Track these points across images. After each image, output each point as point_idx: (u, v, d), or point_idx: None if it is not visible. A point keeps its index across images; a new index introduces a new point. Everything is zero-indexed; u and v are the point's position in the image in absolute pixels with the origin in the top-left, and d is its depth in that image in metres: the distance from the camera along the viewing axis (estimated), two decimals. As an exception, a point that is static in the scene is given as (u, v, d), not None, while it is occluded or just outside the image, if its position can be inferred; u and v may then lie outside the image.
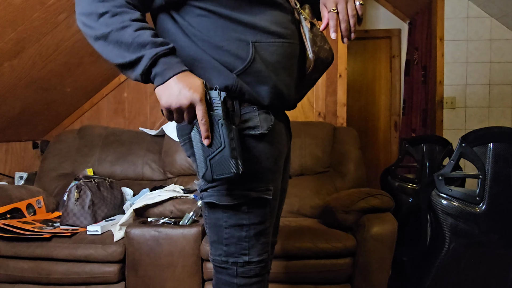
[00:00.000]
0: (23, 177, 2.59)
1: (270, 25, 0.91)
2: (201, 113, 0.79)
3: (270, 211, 0.97)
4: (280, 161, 1.00)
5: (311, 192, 2.29)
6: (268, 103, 0.92)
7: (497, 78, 3.11)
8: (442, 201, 1.77)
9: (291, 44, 0.95)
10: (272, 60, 0.91)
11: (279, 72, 0.93)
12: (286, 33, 0.94)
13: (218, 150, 0.81)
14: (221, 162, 0.81)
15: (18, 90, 2.27)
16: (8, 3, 1.70)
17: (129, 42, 0.79)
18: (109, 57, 0.81)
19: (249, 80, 0.89)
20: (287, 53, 0.94)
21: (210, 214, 0.96)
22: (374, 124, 4.03)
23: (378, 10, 3.86)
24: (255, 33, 0.89)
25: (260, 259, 0.95)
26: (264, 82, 0.90)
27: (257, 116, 0.91)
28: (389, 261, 1.79)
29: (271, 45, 0.91)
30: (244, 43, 0.88)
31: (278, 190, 1.00)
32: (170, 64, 0.80)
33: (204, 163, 0.82)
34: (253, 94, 0.90)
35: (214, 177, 0.82)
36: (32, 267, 1.80)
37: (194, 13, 0.89)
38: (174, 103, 0.80)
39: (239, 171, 0.81)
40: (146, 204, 1.99)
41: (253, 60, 0.88)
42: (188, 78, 0.80)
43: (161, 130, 2.62)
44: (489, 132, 1.75)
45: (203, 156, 0.82)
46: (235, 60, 0.88)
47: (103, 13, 0.79)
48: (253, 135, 0.91)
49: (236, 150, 0.81)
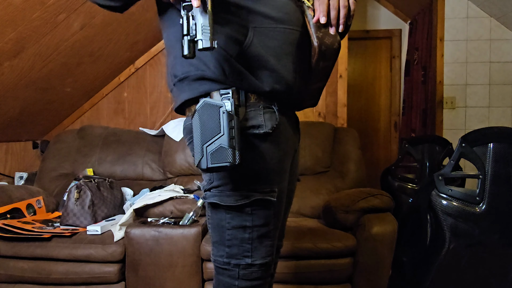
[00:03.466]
0: (23, 177, 2.59)
1: (271, 11, 0.89)
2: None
3: (274, 213, 0.94)
4: (286, 162, 0.97)
5: (311, 192, 2.29)
6: (270, 89, 0.90)
7: (497, 78, 3.11)
8: (442, 201, 1.77)
9: (293, 31, 0.93)
10: (272, 45, 0.89)
11: (280, 57, 0.90)
12: (288, 18, 0.92)
13: (217, 137, 0.78)
14: (218, 150, 0.78)
15: (18, 90, 2.27)
16: (8, 3, 1.70)
17: None
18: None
19: (248, 65, 0.88)
20: (289, 39, 0.92)
21: (213, 214, 0.94)
22: (374, 124, 4.03)
23: (379, 11, 3.86)
24: (256, 18, 0.88)
25: (263, 262, 0.94)
26: (263, 66, 0.89)
27: (262, 115, 0.89)
28: (389, 261, 1.79)
29: (271, 30, 0.89)
30: (244, 28, 0.87)
31: (283, 192, 0.98)
32: None
33: (200, 150, 0.80)
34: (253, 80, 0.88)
35: (209, 165, 0.79)
36: (32, 267, 1.80)
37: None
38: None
39: (236, 162, 0.78)
40: (146, 204, 1.99)
41: (251, 43, 0.87)
42: None
43: (161, 130, 2.62)
44: (489, 132, 1.75)
45: (200, 143, 0.80)
46: (235, 45, 0.87)
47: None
48: (257, 134, 0.89)
49: (234, 139, 0.79)
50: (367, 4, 3.86)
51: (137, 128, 2.82)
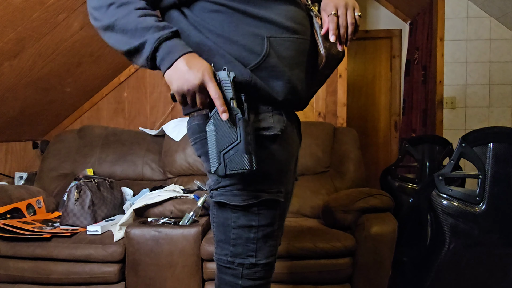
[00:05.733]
0: (23, 177, 2.59)
1: (285, 20, 0.91)
2: (213, 89, 0.79)
3: (279, 214, 0.96)
4: (291, 163, 0.99)
5: (311, 192, 2.29)
6: (283, 99, 0.91)
7: (497, 78, 3.11)
8: (442, 201, 1.77)
9: (304, 40, 0.95)
10: (287, 55, 0.91)
11: (293, 67, 0.92)
12: (300, 29, 0.94)
13: (234, 145, 0.79)
14: (235, 157, 0.79)
15: (18, 90, 2.27)
16: (8, 3, 1.70)
17: (133, 29, 0.80)
18: (117, 46, 0.83)
19: (263, 75, 0.89)
20: (300, 49, 0.94)
21: (219, 213, 0.94)
22: (374, 124, 4.03)
23: (379, 11, 3.86)
24: (270, 28, 0.89)
25: (266, 262, 0.94)
26: (278, 77, 0.90)
27: (271, 117, 0.91)
28: (389, 261, 1.79)
29: (286, 40, 0.91)
30: (259, 37, 0.88)
31: (289, 192, 1.00)
32: (175, 46, 0.80)
33: (217, 158, 0.80)
34: (267, 90, 0.90)
35: (227, 172, 0.80)
36: (32, 267, 1.80)
37: (207, 9, 0.89)
38: (186, 85, 0.79)
39: (253, 168, 0.79)
40: (146, 204, 1.99)
41: (268, 54, 0.88)
42: (194, 59, 0.80)
43: (161, 130, 2.62)
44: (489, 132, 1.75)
45: (216, 150, 0.81)
46: (250, 54, 0.88)
47: (110, 4, 0.82)
48: (267, 136, 0.90)
49: (251, 145, 0.80)
50: (367, 4, 3.86)
51: (137, 128, 2.82)
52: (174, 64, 0.79)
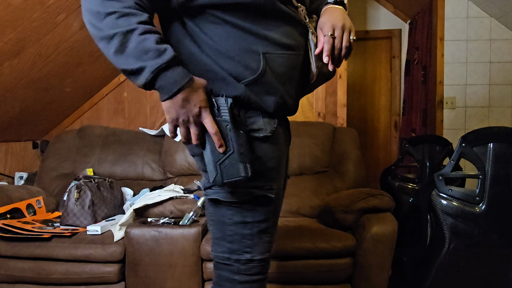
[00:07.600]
0: (23, 177, 2.59)
1: (281, 37, 0.92)
2: (210, 125, 0.82)
3: (273, 210, 0.98)
4: (282, 161, 1.01)
5: (310, 192, 2.29)
6: (273, 111, 0.94)
7: (497, 78, 3.11)
8: (442, 201, 1.77)
9: (297, 56, 0.97)
10: (280, 72, 0.93)
11: (285, 83, 0.95)
12: (295, 45, 0.95)
13: (227, 155, 0.83)
14: (230, 166, 0.83)
15: (18, 90, 2.27)
16: (8, 3, 1.70)
17: (132, 48, 0.77)
18: (113, 61, 0.80)
19: (257, 90, 0.91)
20: (293, 65, 0.96)
21: (215, 211, 0.97)
22: (374, 124, 4.03)
23: (378, 11, 3.87)
24: (266, 44, 0.90)
25: (262, 258, 0.97)
26: (272, 93, 0.92)
27: (261, 120, 0.93)
28: (389, 261, 1.79)
29: (280, 57, 0.92)
30: (255, 53, 0.89)
31: (280, 189, 1.02)
32: (173, 78, 0.79)
33: (214, 168, 0.85)
34: (259, 103, 0.92)
35: (225, 181, 0.84)
36: (32, 267, 1.80)
37: (208, 20, 0.88)
38: (182, 117, 0.81)
39: (248, 174, 0.84)
40: (146, 204, 1.99)
41: (264, 72, 0.90)
42: (193, 92, 0.81)
43: (161, 130, 2.62)
44: (489, 132, 1.75)
45: (212, 161, 0.85)
46: (245, 70, 0.89)
47: (110, 13, 0.77)
48: (257, 137, 0.92)
49: (244, 154, 0.84)
50: (367, 4, 3.86)
51: (137, 128, 2.83)
52: (173, 97, 0.80)
